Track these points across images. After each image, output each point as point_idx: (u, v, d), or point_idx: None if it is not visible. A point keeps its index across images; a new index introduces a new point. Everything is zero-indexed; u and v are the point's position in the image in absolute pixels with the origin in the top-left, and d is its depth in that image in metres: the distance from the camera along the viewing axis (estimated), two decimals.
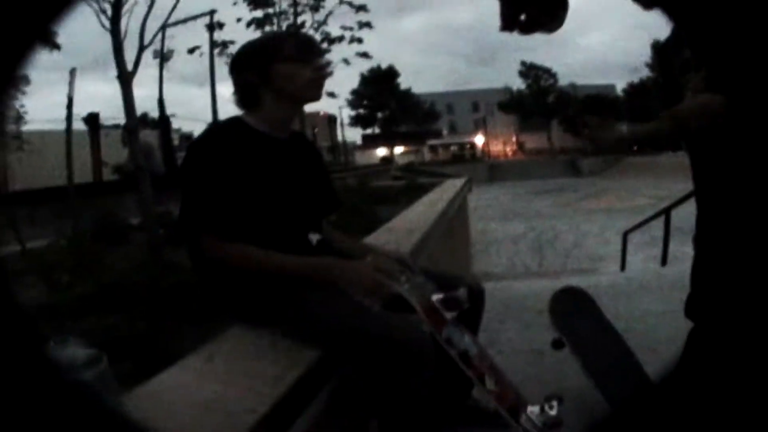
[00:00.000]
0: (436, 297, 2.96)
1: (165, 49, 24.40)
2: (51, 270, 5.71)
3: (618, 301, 6.63)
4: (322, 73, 3.28)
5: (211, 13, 29.52)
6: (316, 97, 3.34)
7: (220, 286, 3.19)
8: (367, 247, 3.76)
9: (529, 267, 19.55)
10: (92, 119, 25.20)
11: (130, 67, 11.15)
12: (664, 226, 11.88)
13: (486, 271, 16.51)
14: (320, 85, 3.30)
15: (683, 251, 14.78)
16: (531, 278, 11.56)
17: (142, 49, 16.25)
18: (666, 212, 11.94)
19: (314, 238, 3.30)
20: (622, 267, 13.86)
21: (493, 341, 5.45)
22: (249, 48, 3.37)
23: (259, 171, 3.09)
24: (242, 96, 3.29)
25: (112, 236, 7.81)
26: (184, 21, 26.76)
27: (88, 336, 3.15)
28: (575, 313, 4.64)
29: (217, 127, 3.50)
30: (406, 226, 7.40)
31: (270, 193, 3.12)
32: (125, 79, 11.48)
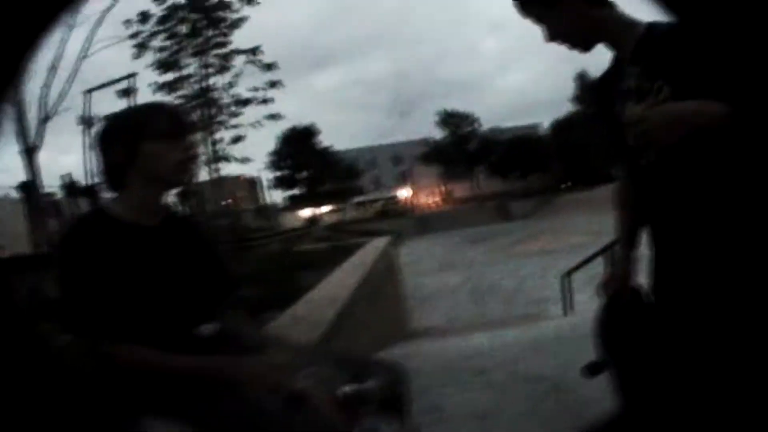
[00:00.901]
0: (342, 391, 2.71)
1: (90, 114, 23.91)
2: None
3: (564, 351, 6.27)
4: (191, 154, 2.97)
5: (131, 76, 29.08)
6: (185, 181, 3.03)
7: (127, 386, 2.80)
8: (268, 338, 3.55)
9: (470, 319, 19.17)
10: (27, 186, 24.19)
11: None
12: (607, 264, 11.51)
13: (425, 326, 16.01)
14: (189, 169, 2.97)
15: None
16: (472, 333, 11.14)
17: (46, 119, 15.67)
18: (609, 249, 11.61)
19: (207, 329, 2.96)
20: (565, 311, 13.58)
21: (435, 407, 5.09)
22: (115, 121, 3.05)
23: (130, 268, 2.79)
24: (108, 177, 2.95)
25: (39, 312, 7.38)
26: (107, 85, 26.38)
27: None
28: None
29: (78, 224, 3.00)
30: (328, 295, 7.16)
31: (146, 290, 2.81)
32: (30, 150, 11.03)
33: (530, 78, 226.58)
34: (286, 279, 10.10)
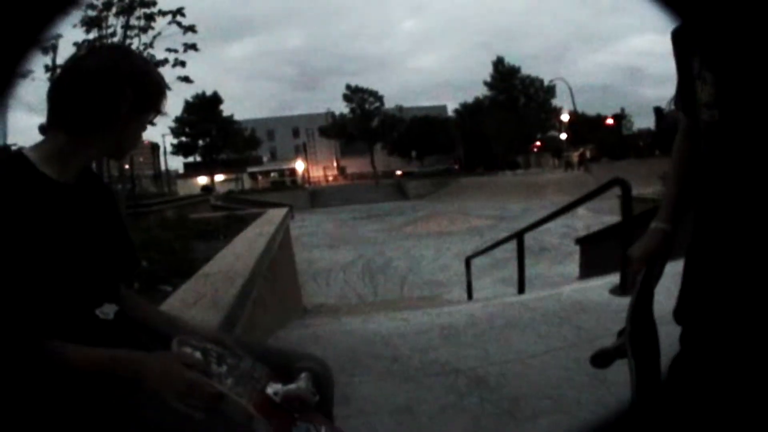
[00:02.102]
0: (272, 390, 2.38)
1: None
2: None
3: (483, 342, 5.96)
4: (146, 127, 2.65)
5: (57, 37, 28.13)
6: (123, 156, 2.73)
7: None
8: (173, 320, 2.92)
9: (363, 296, 18.96)
10: None
11: None
12: (518, 250, 11.31)
13: (318, 303, 15.79)
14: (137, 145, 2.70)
15: (543, 273, 14.73)
16: (369, 314, 10.83)
17: None
18: (518, 236, 11.39)
19: (110, 310, 2.54)
20: (469, 295, 13.36)
21: (347, 398, 4.68)
22: (151, 73, 2.57)
23: (36, 231, 2.31)
24: (76, 117, 2.40)
25: None
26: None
27: None
28: None
29: None
30: (225, 269, 6.82)
31: (49, 258, 2.33)
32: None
33: (442, 61, 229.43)
34: (182, 249, 9.72)
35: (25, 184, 2.33)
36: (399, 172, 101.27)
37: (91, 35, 23.05)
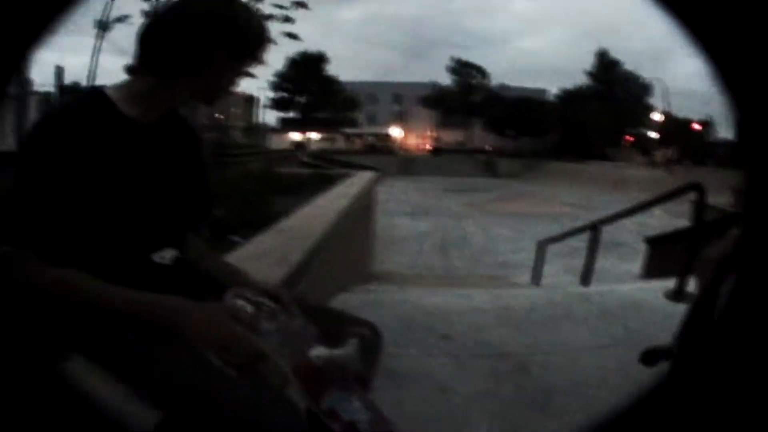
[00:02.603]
0: (316, 352, 2.26)
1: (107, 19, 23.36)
2: None
3: (536, 328, 5.98)
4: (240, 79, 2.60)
5: None
6: (212, 102, 2.61)
7: (46, 312, 2.36)
8: (235, 272, 2.84)
9: (434, 269, 18.95)
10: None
11: None
12: (591, 241, 11.18)
13: (387, 270, 15.83)
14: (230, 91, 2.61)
15: (608, 268, 14.59)
16: (435, 287, 10.85)
17: None
18: (595, 227, 11.24)
19: (168, 255, 2.53)
20: (536, 280, 13.27)
21: (390, 371, 4.65)
22: (255, 22, 2.54)
23: (108, 167, 2.30)
24: (167, 59, 2.39)
25: None
26: None
27: None
28: None
29: (70, 104, 2.48)
30: (302, 226, 6.85)
31: (116, 198, 2.33)
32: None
33: (547, 45, 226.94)
34: (261, 202, 9.76)
35: (99, 119, 2.32)
36: (488, 147, 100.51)
37: None
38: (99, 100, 2.38)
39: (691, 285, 5.56)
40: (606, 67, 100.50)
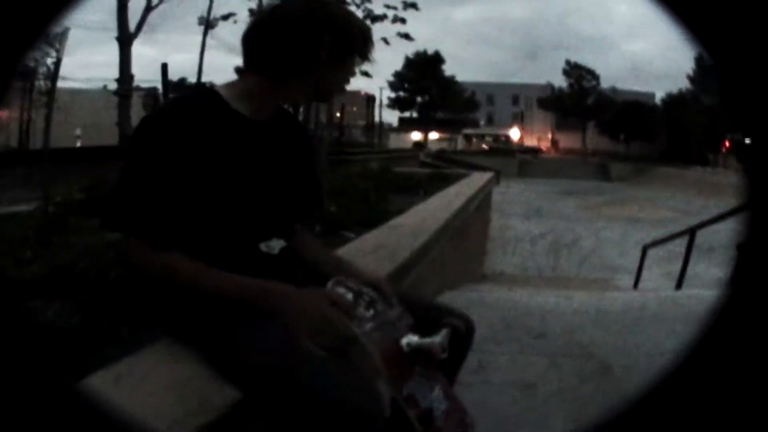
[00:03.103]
0: (407, 340, 2.37)
1: (211, 16, 23.72)
2: (17, 241, 5.19)
3: (628, 331, 6.00)
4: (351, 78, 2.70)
5: None
6: (324, 100, 2.81)
7: (146, 294, 2.58)
8: (341, 263, 2.90)
9: (542, 270, 18.94)
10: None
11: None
12: (687, 246, 11.14)
13: (498, 270, 15.88)
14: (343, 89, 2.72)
15: (701, 273, 14.44)
16: (539, 288, 10.93)
17: (148, 9, 15.49)
18: (691, 232, 11.21)
19: (277, 245, 2.63)
20: (636, 284, 13.25)
21: (482, 367, 4.82)
22: (354, 22, 2.64)
23: (218, 160, 2.43)
24: (271, 61, 2.51)
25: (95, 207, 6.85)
26: None
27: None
28: None
29: (182, 99, 2.65)
30: (413, 224, 6.86)
31: (225, 189, 2.46)
32: (124, 40, 10.93)
33: (652, 49, 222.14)
34: (376, 199, 9.80)
35: (211, 114, 2.43)
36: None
37: None
38: (211, 97, 2.51)
39: None
40: (705, 71, 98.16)
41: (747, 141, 2.06)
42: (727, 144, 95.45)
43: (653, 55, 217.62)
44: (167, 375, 2.42)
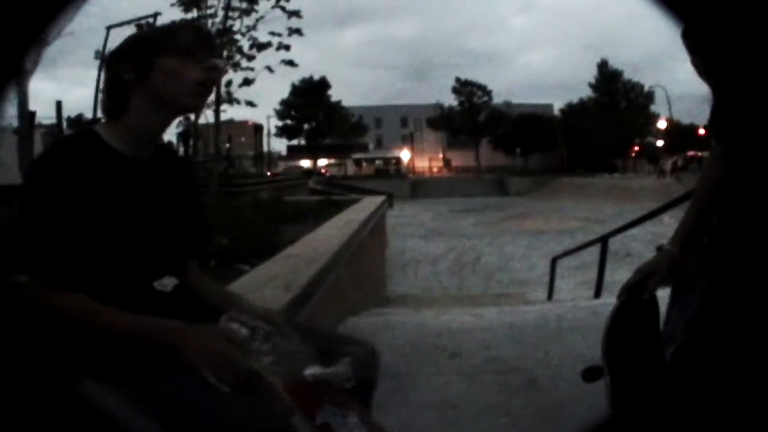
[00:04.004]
0: (310, 371, 2.32)
1: (107, 50, 23.52)
2: None
3: (548, 343, 5.98)
4: (212, 75, 2.58)
5: (155, 15, 28.67)
6: (198, 106, 2.67)
7: (52, 338, 2.45)
8: (232, 298, 2.94)
9: (448, 289, 18.96)
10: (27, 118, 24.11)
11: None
12: (600, 254, 11.17)
13: (401, 293, 15.76)
14: (205, 92, 2.60)
15: (621, 280, 14.58)
16: (448, 306, 10.87)
17: (43, 44, 15.34)
18: (603, 240, 11.21)
19: (170, 283, 2.66)
20: (549, 296, 13.30)
21: (399, 390, 4.76)
22: (133, 37, 2.70)
23: (106, 201, 2.45)
24: (109, 98, 2.58)
25: None
26: (129, 23, 26.04)
27: None
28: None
29: (62, 143, 2.63)
30: (307, 253, 6.85)
31: (116, 229, 2.47)
32: (20, 77, 10.62)
33: (549, 60, 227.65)
34: (268, 230, 9.89)
35: (91, 156, 2.45)
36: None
37: (190, 15, 23.60)
38: (91, 138, 2.51)
39: None
40: (608, 78, 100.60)
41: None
42: (636, 148, 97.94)
43: (550, 67, 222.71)
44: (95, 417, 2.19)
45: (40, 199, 2.37)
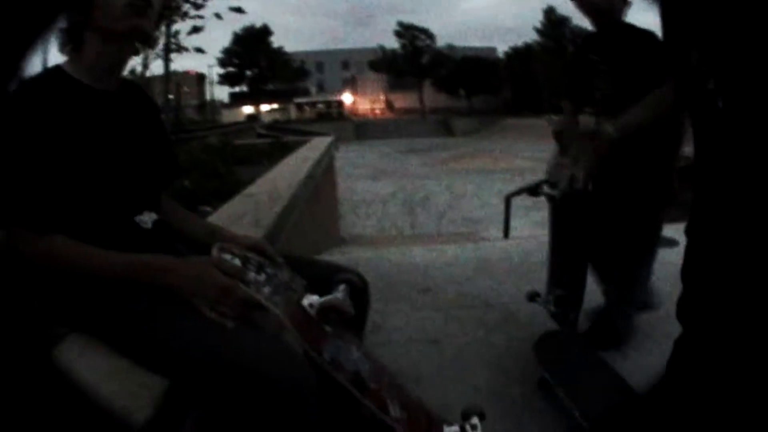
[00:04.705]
0: (308, 301, 2.28)
1: None
2: None
3: (518, 278, 6.00)
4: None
5: None
6: (133, 29, 2.51)
7: (38, 283, 2.40)
8: (215, 230, 2.91)
9: (401, 229, 18.88)
10: None
11: None
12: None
13: (355, 233, 15.71)
14: (138, 12, 2.47)
15: None
16: (408, 246, 10.80)
17: None
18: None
19: (149, 219, 2.61)
20: (506, 234, 13.26)
21: (378, 327, 4.78)
22: None
23: (79, 135, 2.38)
24: (66, 37, 2.49)
25: None
26: None
27: None
28: (563, 353, 4.13)
29: (30, 81, 2.48)
30: (269, 191, 6.74)
31: (92, 164, 2.41)
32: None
33: (495, 4, 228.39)
34: (225, 172, 9.78)
35: (59, 89, 2.40)
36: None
37: None
38: (56, 73, 2.47)
39: None
40: (554, 23, 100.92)
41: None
42: None
43: (493, 11, 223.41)
44: (88, 372, 2.20)
45: (12, 141, 2.26)
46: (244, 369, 2.03)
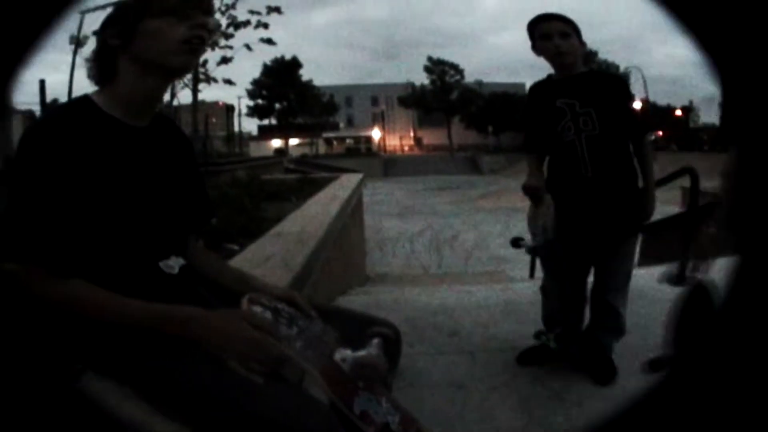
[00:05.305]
0: (341, 356, 2.22)
1: (81, 34, 23.16)
2: None
3: (537, 320, 5.79)
4: (199, 33, 2.39)
5: None
6: (185, 67, 2.47)
7: (54, 329, 2.28)
8: (244, 278, 2.77)
9: (428, 267, 18.82)
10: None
11: None
12: None
13: (382, 272, 15.63)
14: (194, 50, 2.41)
15: None
16: (434, 286, 10.76)
17: None
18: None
19: (176, 264, 2.47)
20: (531, 273, 13.19)
21: (402, 370, 4.59)
22: (118, 4, 2.50)
23: (107, 174, 2.27)
24: (97, 64, 2.42)
25: None
26: (103, 7, 25.89)
27: None
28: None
29: (56, 111, 2.51)
30: (297, 231, 6.71)
31: (119, 205, 2.30)
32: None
33: (521, 39, 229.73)
34: (254, 208, 9.74)
35: (89, 122, 2.30)
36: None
37: None
38: (85, 104, 2.37)
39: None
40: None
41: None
42: None
43: (522, 46, 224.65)
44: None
45: (33, 174, 2.18)
46: (270, 424, 1.98)
